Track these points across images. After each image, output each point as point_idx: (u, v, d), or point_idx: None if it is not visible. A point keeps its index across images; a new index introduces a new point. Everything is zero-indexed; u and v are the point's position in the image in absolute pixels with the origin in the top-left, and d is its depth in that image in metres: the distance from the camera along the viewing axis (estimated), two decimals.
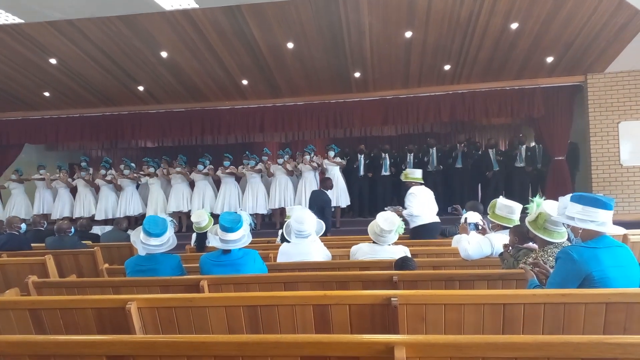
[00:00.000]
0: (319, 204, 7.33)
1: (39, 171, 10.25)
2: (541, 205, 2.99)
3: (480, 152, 9.73)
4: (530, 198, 3.22)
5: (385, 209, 4.66)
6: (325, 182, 7.85)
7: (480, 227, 3.97)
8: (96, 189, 10.05)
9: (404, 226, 3.98)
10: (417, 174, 6.00)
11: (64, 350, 1.94)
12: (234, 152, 10.20)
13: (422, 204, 5.65)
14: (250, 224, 4.36)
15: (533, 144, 9.81)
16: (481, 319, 2.40)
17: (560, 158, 9.07)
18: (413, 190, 5.75)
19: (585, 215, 2.45)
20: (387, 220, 3.84)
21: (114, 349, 1.89)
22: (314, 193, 7.82)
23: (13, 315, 2.82)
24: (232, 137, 11.36)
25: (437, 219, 5.73)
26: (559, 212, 2.67)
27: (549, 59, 8.28)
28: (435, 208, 5.80)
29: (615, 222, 2.59)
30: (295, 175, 9.23)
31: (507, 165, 9.29)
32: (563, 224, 2.81)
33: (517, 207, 3.79)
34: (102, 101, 10.14)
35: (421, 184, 5.93)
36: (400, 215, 5.07)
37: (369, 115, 9.77)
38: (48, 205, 10.15)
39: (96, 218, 9.63)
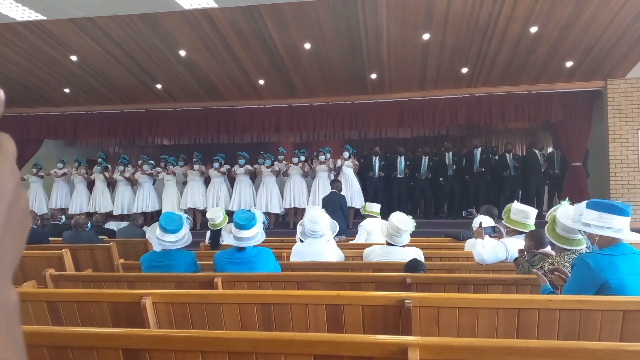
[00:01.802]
0: (334, 206, 7.34)
1: (58, 165, 10.40)
2: (559, 209, 2.96)
3: (497, 157, 9.64)
4: (558, 201, 3.19)
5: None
6: (335, 184, 7.91)
7: (496, 231, 3.94)
8: (113, 185, 10.18)
9: (415, 224, 3.98)
10: (374, 207, 6.13)
11: (82, 342, 1.97)
12: (249, 151, 10.25)
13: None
14: (264, 222, 4.39)
15: (550, 149, 9.69)
16: (495, 323, 2.38)
17: (578, 164, 8.95)
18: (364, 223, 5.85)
19: (602, 222, 2.42)
20: (401, 220, 3.84)
21: (130, 343, 1.92)
22: (327, 197, 7.86)
23: (31, 307, 2.87)
24: (248, 137, 11.43)
25: None
26: (574, 219, 2.64)
27: (569, 64, 8.18)
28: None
29: (634, 230, 2.56)
30: (310, 176, 9.26)
31: (524, 170, 9.18)
32: (579, 231, 2.78)
33: (533, 212, 3.75)
34: (120, 98, 10.27)
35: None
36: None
37: (384, 116, 9.75)
38: (65, 199, 10.31)
39: (114, 213, 9.77)
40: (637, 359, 1.53)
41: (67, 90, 9.93)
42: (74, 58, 8.41)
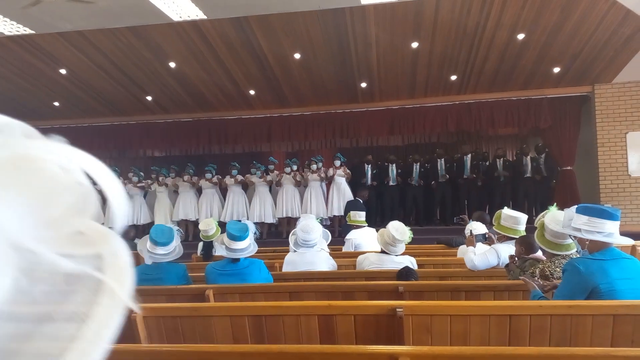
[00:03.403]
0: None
1: None
2: (547, 214, 2.97)
3: (487, 163, 9.68)
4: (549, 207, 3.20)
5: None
6: (362, 192, 8.14)
7: (487, 237, 3.95)
8: (102, 198, 10.09)
9: (412, 235, 3.97)
10: (360, 216, 5.65)
11: None
12: (241, 161, 10.22)
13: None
14: (255, 233, 4.38)
15: (534, 154, 9.68)
16: (487, 330, 2.38)
17: (568, 168, 9.02)
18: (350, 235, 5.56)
19: (592, 227, 2.43)
20: (398, 230, 3.82)
21: (121, 358, 1.90)
22: (350, 203, 7.93)
23: None
24: (239, 147, 11.42)
25: None
26: (564, 224, 2.65)
27: (556, 70, 8.27)
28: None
29: (623, 233, 2.57)
30: (302, 185, 9.24)
31: (514, 176, 9.20)
32: (570, 235, 2.80)
33: (523, 217, 3.77)
34: (111, 111, 10.24)
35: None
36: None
37: (375, 125, 9.79)
38: None
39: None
40: None
41: (56, 104, 9.89)
42: (63, 71, 8.39)
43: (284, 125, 10.13)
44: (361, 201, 7.87)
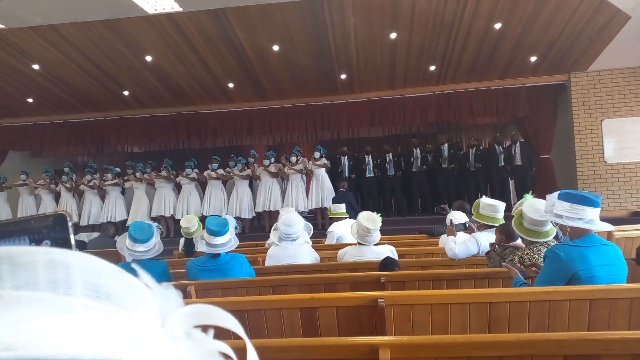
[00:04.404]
0: (346, 202, 7.42)
1: (21, 177, 10.06)
2: (524, 203, 3.01)
3: (462, 152, 9.77)
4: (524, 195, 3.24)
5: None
6: (341, 183, 8.40)
7: (467, 226, 3.99)
8: (79, 195, 9.91)
9: (382, 220, 3.97)
10: (341, 208, 5.91)
11: None
12: (222, 155, 10.13)
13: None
14: (236, 227, 4.34)
15: (510, 142, 9.76)
16: (468, 318, 2.41)
17: (546, 156, 9.16)
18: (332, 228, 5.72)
19: (573, 213, 2.44)
20: (368, 219, 3.83)
21: None
22: (336, 197, 8.08)
23: None
24: (220, 141, 11.32)
25: None
26: (546, 209, 2.68)
27: (533, 59, 8.37)
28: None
29: (600, 219, 2.61)
30: (281, 178, 9.20)
31: (486, 165, 9.26)
32: (551, 221, 2.83)
33: (501, 205, 3.81)
34: (87, 106, 10.04)
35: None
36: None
37: (355, 116, 9.79)
38: (31, 212, 10.00)
39: (80, 224, 9.50)
40: (599, 346, 1.56)
41: (30, 100, 9.66)
42: (36, 67, 8.18)
43: (264, 118, 10.07)
44: (344, 190, 7.95)
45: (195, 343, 0.38)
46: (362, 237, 3.86)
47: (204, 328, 0.40)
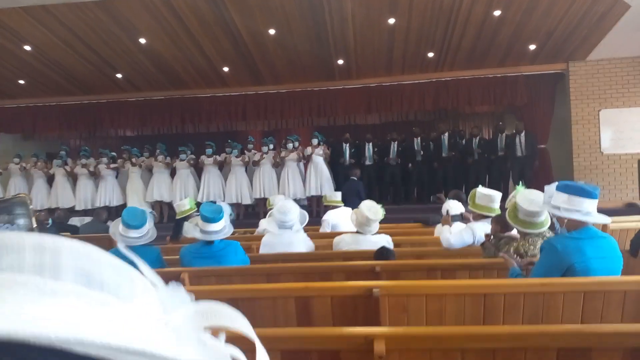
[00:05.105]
0: (353, 193, 7.41)
1: (14, 160, 9.91)
2: (517, 194, 2.99)
3: (464, 141, 9.71)
4: (517, 186, 3.22)
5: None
6: (354, 171, 8.32)
7: (463, 216, 3.98)
8: (74, 179, 9.81)
9: (384, 213, 3.96)
10: (336, 196, 6.02)
11: None
12: (216, 140, 10.04)
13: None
14: (230, 215, 4.32)
15: (514, 131, 9.74)
16: (462, 308, 2.41)
17: (542, 146, 9.14)
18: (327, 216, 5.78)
19: (571, 205, 2.41)
20: (371, 210, 3.82)
21: None
22: (346, 186, 7.98)
23: None
24: (214, 126, 11.22)
25: None
26: (544, 200, 2.66)
27: (532, 47, 8.31)
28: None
29: (600, 210, 2.59)
30: (279, 165, 9.14)
31: (488, 155, 9.20)
32: (548, 212, 2.81)
33: (497, 195, 3.78)
34: (80, 89, 9.91)
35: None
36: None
37: (352, 103, 9.72)
38: None
39: (76, 209, 9.44)
40: (592, 339, 1.55)
41: (22, 82, 9.51)
42: (28, 48, 8.04)
43: (259, 104, 9.98)
44: (355, 178, 7.96)
45: (205, 348, 0.35)
46: (361, 225, 3.85)
47: (214, 332, 0.37)
